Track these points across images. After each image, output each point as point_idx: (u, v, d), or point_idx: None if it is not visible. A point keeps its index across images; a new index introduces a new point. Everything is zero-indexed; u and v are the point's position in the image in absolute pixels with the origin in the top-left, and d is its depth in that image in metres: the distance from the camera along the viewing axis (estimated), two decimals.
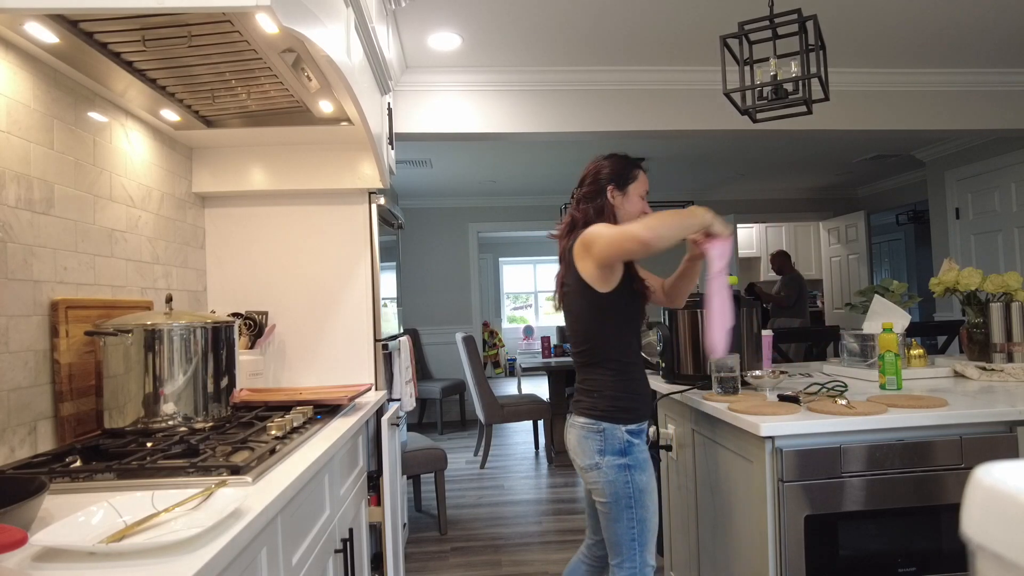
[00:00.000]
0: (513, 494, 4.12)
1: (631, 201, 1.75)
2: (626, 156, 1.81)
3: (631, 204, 1.75)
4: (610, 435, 1.67)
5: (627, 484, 1.65)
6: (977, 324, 2.40)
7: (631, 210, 1.75)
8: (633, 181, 1.77)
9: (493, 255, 11.05)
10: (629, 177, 1.76)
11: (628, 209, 1.75)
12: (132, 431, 1.52)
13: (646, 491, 1.68)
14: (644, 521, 1.68)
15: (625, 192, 1.75)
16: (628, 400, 1.69)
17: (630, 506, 1.66)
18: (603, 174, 1.77)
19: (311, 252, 2.47)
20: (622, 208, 1.75)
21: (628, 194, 1.75)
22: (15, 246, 1.39)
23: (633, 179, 1.77)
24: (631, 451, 1.67)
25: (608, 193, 1.75)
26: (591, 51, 3.17)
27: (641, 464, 1.68)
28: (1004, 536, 0.39)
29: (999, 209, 4.76)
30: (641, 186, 1.78)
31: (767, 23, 2.09)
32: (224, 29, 1.40)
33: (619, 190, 1.75)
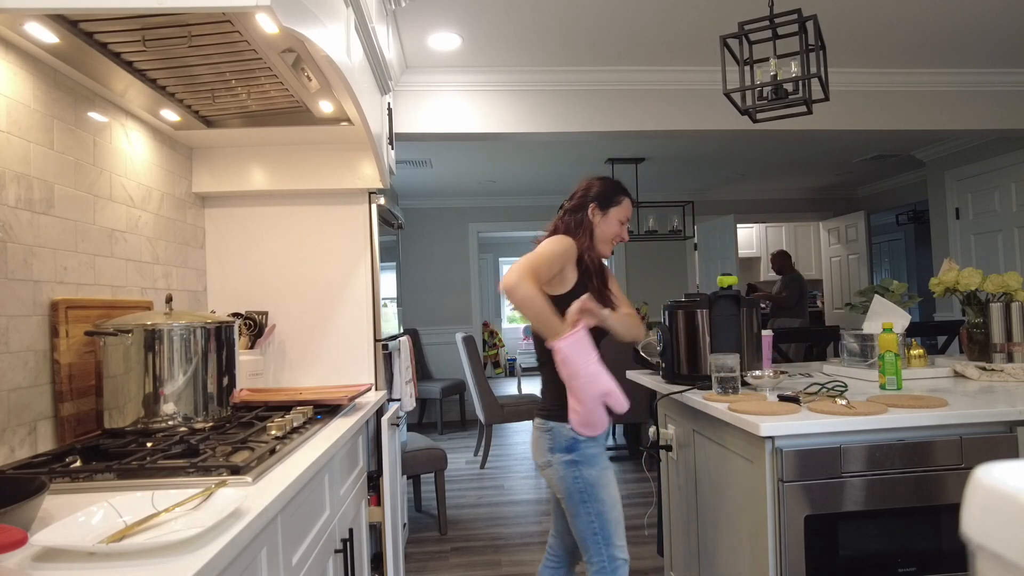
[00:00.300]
0: (513, 494, 4.12)
1: (609, 222, 1.86)
2: (616, 181, 1.92)
3: (608, 225, 1.86)
4: (557, 433, 1.76)
5: (576, 479, 1.73)
6: (977, 324, 2.40)
7: (607, 231, 1.86)
8: (616, 205, 1.87)
9: (493, 255, 11.05)
10: (613, 200, 1.87)
11: (604, 229, 1.86)
12: (132, 431, 1.52)
13: (597, 484, 1.74)
14: (601, 514, 1.73)
15: (606, 213, 1.86)
16: None
17: (584, 500, 1.73)
18: (591, 192, 1.88)
19: (311, 252, 2.47)
20: (599, 227, 1.86)
21: (608, 216, 1.86)
22: (15, 246, 1.39)
23: (616, 203, 1.87)
24: (577, 447, 1.74)
25: (589, 210, 1.85)
26: (591, 51, 3.17)
27: (589, 459, 1.75)
28: (1004, 536, 0.39)
29: (999, 209, 4.76)
30: (623, 211, 1.87)
31: (767, 23, 2.09)
32: (224, 29, 1.40)
33: (600, 210, 1.86)
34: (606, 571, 1.73)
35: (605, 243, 1.87)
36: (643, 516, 3.57)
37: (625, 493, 4.06)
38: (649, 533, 3.32)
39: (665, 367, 2.26)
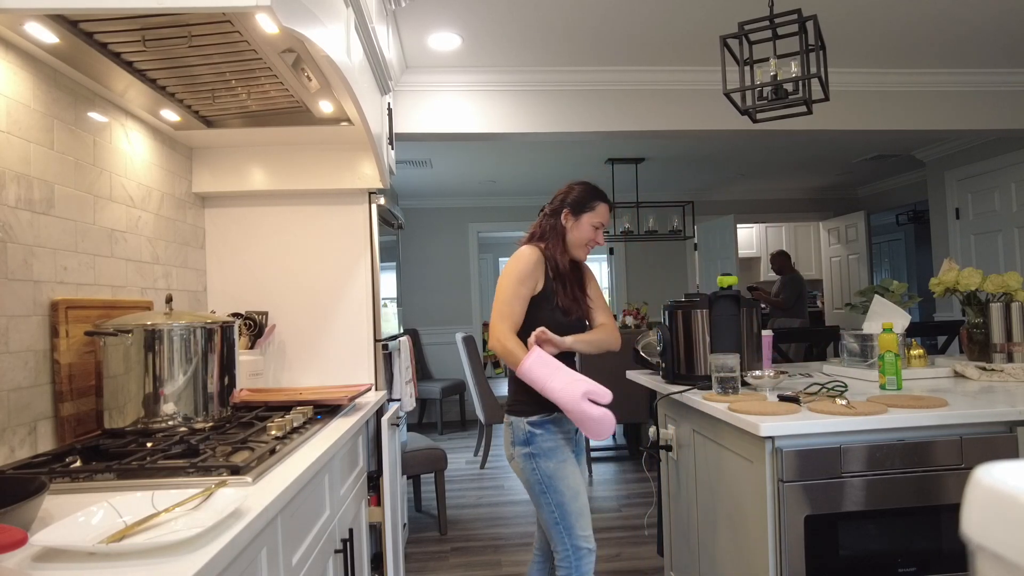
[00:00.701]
0: (513, 494, 4.12)
1: (581, 228, 1.90)
2: (594, 187, 1.95)
3: (580, 231, 1.91)
4: (516, 428, 1.85)
5: (534, 471, 1.81)
6: (977, 324, 2.40)
7: (579, 236, 1.91)
8: (589, 211, 1.90)
9: (493, 255, 11.05)
10: (586, 206, 1.90)
11: (576, 235, 1.91)
12: (132, 431, 1.52)
13: (555, 476, 1.80)
14: (561, 505, 1.79)
15: (578, 219, 1.90)
16: (524, 395, 1.83)
17: (544, 491, 1.80)
18: (567, 198, 1.92)
19: (311, 252, 2.47)
20: (572, 232, 1.91)
21: (580, 221, 1.90)
22: (15, 246, 1.39)
23: (590, 209, 1.91)
24: (533, 440, 1.82)
25: (563, 215, 1.91)
26: (591, 51, 3.17)
27: (546, 452, 1.82)
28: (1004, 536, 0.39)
29: (999, 209, 4.76)
30: (596, 217, 1.91)
31: (767, 23, 2.09)
32: (224, 29, 1.40)
33: (573, 215, 1.90)
34: (570, 560, 1.78)
35: (578, 247, 1.91)
36: (643, 516, 3.57)
37: (625, 493, 4.06)
38: (649, 533, 3.32)
39: (665, 367, 2.26)
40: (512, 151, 5.05)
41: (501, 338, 1.75)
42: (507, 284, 1.80)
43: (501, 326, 1.77)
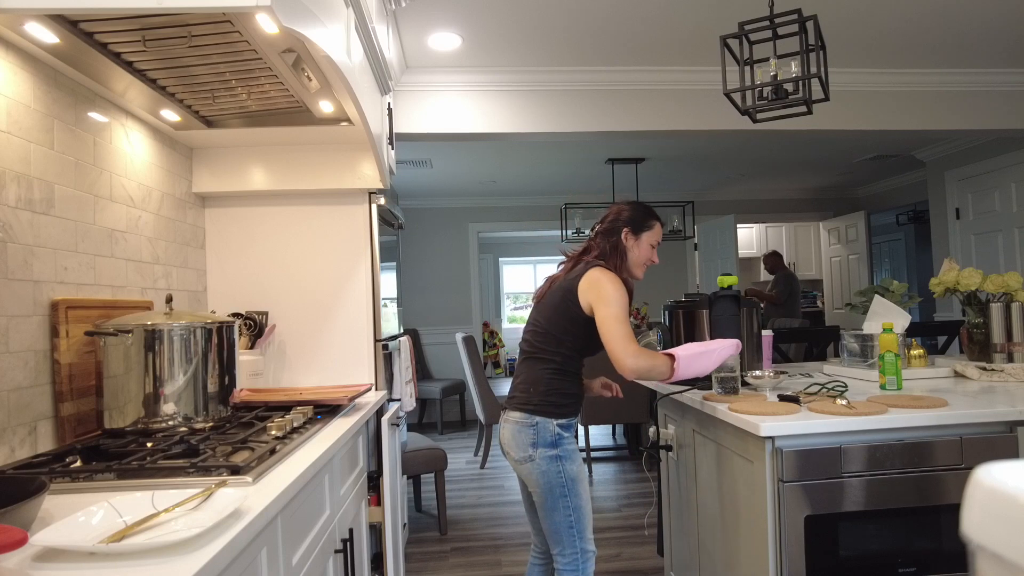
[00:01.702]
0: (513, 494, 4.12)
1: (641, 247, 1.93)
2: (647, 207, 1.98)
3: (640, 250, 1.94)
4: (543, 429, 1.80)
5: (559, 474, 1.78)
6: (977, 324, 2.40)
7: (640, 255, 1.94)
8: (648, 230, 1.94)
9: (493, 255, 11.04)
10: (644, 225, 1.93)
11: (637, 254, 1.93)
12: (132, 431, 1.52)
13: (577, 479, 1.80)
14: (579, 508, 1.80)
15: (638, 238, 1.92)
16: (560, 396, 1.82)
17: (564, 495, 1.78)
18: (622, 217, 1.93)
19: (311, 252, 2.47)
20: (632, 251, 1.93)
21: (640, 240, 1.93)
22: (15, 246, 1.39)
23: (648, 228, 1.94)
24: (561, 443, 1.80)
25: (623, 234, 1.91)
26: (591, 51, 3.16)
27: (570, 455, 1.81)
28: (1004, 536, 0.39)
29: (999, 209, 4.76)
30: (654, 236, 1.94)
31: (767, 23, 2.09)
32: (224, 29, 1.40)
33: (633, 235, 1.92)
34: (578, 562, 1.79)
35: (638, 267, 1.94)
36: (643, 516, 3.57)
37: (625, 493, 4.06)
38: (649, 533, 3.32)
39: None
40: (512, 151, 5.05)
41: (638, 357, 1.67)
42: (618, 298, 1.75)
43: (631, 346, 1.68)
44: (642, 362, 1.66)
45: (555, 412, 1.81)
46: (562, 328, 1.83)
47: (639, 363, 1.66)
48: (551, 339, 1.84)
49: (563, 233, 5.75)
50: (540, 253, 11.14)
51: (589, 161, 5.46)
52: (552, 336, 1.84)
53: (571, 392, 1.85)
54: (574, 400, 1.87)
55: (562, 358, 1.83)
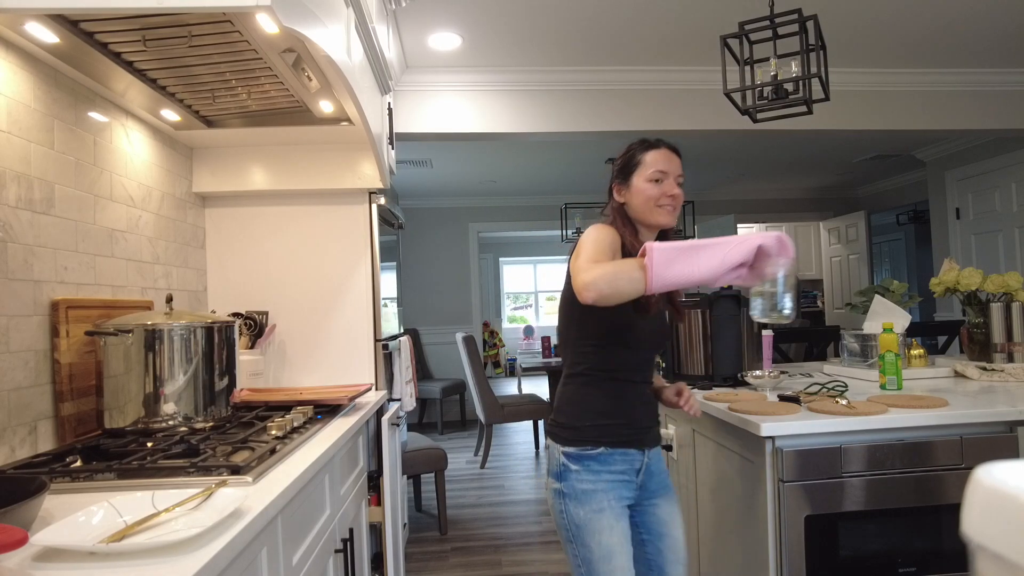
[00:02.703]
0: (513, 494, 4.12)
1: (636, 192, 1.49)
2: (637, 141, 1.56)
3: (637, 195, 1.48)
4: (551, 454, 1.49)
5: (562, 514, 1.44)
6: (977, 324, 2.40)
7: (639, 200, 1.48)
8: (637, 168, 1.50)
9: (493, 255, 11.05)
10: (631, 165, 1.51)
11: (636, 201, 1.49)
12: (132, 431, 1.52)
13: (585, 528, 1.40)
14: (589, 563, 1.41)
15: (628, 184, 1.51)
16: (568, 416, 1.47)
17: (569, 540, 1.44)
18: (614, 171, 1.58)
19: (311, 252, 2.47)
20: (630, 204, 1.51)
21: (631, 185, 1.50)
22: (15, 246, 1.39)
23: (636, 165, 1.50)
24: (566, 476, 1.43)
25: (613, 193, 1.56)
26: (592, 51, 3.16)
27: (578, 495, 1.42)
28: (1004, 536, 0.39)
29: (999, 209, 4.76)
30: (648, 168, 1.48)
31: (767, 23, 2.09)
32: (224, 29, 1.40)
33: (623, 184, 1.53)
34: None
35: (647, 213, 1.48)
36: None
37: None
38: None
39: (665, 367, 2.26)
40: (512, 151, 5.05)
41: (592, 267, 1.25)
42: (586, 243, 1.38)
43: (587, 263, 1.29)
44: (597, 270, 1.23)
45: (563, 436, 1.46)
46: (566, 322, 1.53)
47: (593, 272, 1.23)
48: (566, 342, 1.54)
49: (563, 233, 5.75)
50: (540, 253, 11.14)
51: (589, 161, 5.46)
52: (564, 337, 1.54)
53: (593, 409, 1.46)
54: (596, 421, 1.44)
55: (582, 364, 1.49)
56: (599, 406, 1.46)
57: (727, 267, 1.17)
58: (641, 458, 1.49)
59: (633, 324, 1.46)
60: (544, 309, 11.66)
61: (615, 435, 1.45)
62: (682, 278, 1.18)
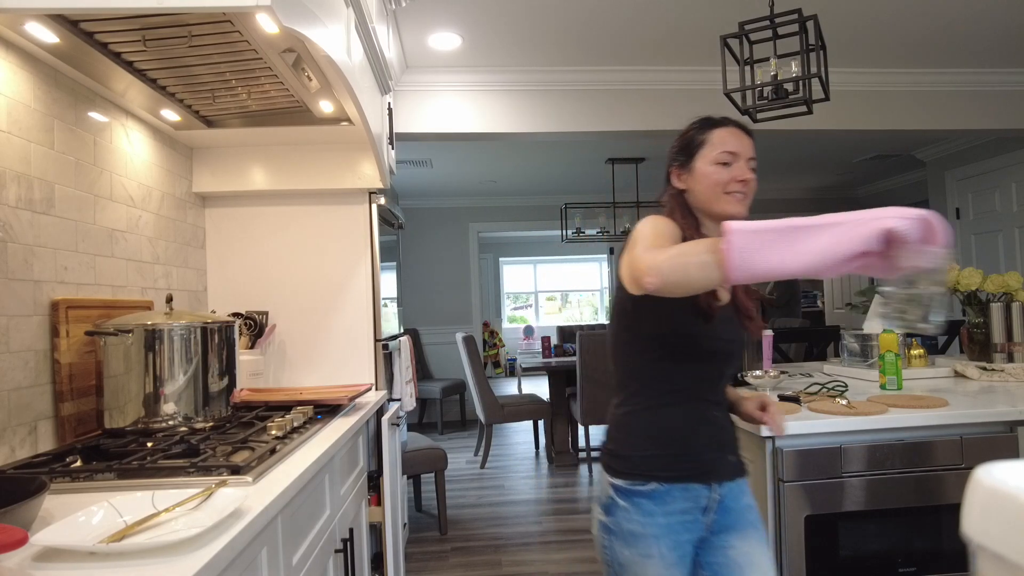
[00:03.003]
0: (513, 494, 4.12)
1: (700, 176, 1.27)
2: (700, 120, 1.35)
3: (700, 181, 1.27)
4: (599, 483, 1.30)
5: (606, 550, 1.25)
6: (977, 324, 2.40)
7: (704, 186, 1.27)
8: (700, 148, 1.29)
9: (493, 255, 11.05)
10: (693, 146, 1.30)
11: (700, 187, 1.27)
12: (132, 431, 1.52)
13: (629, 571, 1.21)
14: None
15: (690, 168, 1.29)
16: (618, 443, 1.27)
17: None
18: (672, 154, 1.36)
19: (311, 252, 2.47)
20: (692, 191, 1.29)
21: (694, 169, 1.29)
22: (15, 246, 1.39)
23: (699, 146, 1.29)
24: (614, 511, 1.23)
25: (672, 179, 1.34)
26: (592, 51, 3.16)
27: (626, 535, 1.21)
28: (1004, 536, 0.39)
29: (999, 209, 4.76)
30: (715, 149, 1.27)
31: (767, 23, 2.09)
32: (224, 29, 1.40)
33: (682, 169, 1.31)
34: None
35: (713, 201, 1.27)
36: None
37: None
38: None
39: None
40: (512, 151, 5.05)
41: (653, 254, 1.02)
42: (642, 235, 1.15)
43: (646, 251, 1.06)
44: (661, 253, 1.01)
45: (612, 466, 1.26)
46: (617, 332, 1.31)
47: (656, 255, 1.00)
48: (617, 354, 1.33)
49: (563, 233, 5.75)
50: (540, 253, 11.14)
51: (589, 161, 5.46)
52: (615, 350, 1.33)
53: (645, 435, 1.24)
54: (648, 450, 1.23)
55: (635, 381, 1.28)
56: (652, 432, 1.24)
57: (840, 257, 0.88)
58: (708, 494, 1.23)
59: (698, 330, 1.23)
60: (544, 309, 11.66)
61: (671, 468, 1.22)
62: (773, 267, 0.91)
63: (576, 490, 4.16)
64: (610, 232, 5.76)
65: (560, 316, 11.58)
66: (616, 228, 5.72)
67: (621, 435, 1.27)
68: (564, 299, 11.78)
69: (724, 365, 1.30)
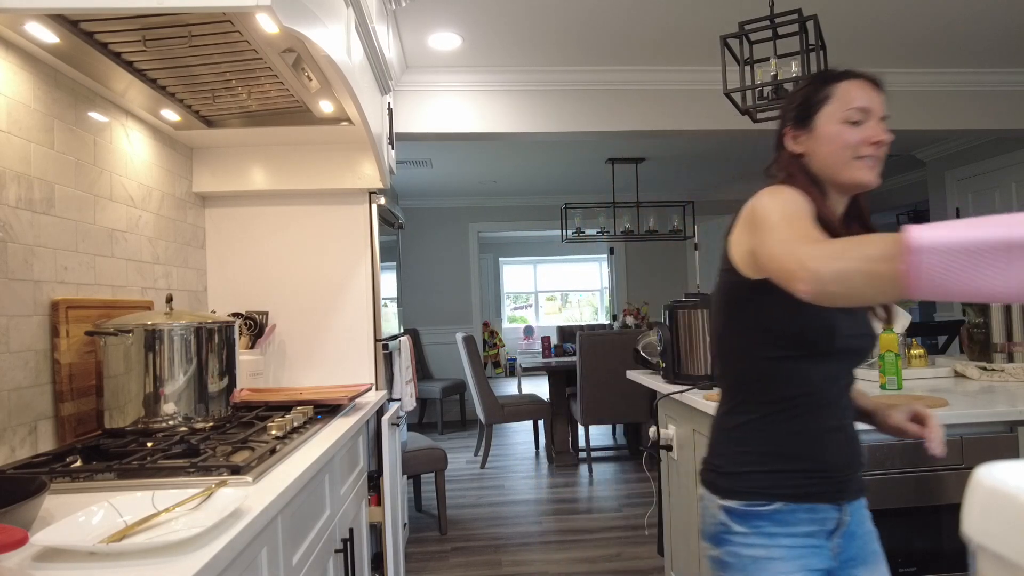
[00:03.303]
0: (513, 494, 4.12)
1: (824, 138, 1.08)
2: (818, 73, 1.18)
3: (825, 143, 1.08)
4: (705, 508, 1.11)
5: None
6: (978, 324, 2.40)
7: (828, 153, 1.08)
8: (824, 105, 1.09)
9: (493, 255, 11.05)
10: (815, 101, 1.10)
11: (824, 154, 1.08)
12: (132, 431, 1.52)
13: None
14: None
15: (811, 126, 1.10)
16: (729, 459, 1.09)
17: None
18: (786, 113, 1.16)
19: (311, 252, 2.47)
20: (814, 156, 1.10)
21: (816, 125, 1.09)
22: (15, 246, 1.39)
23: (823, 102, 1.09)
24: (727, 541, 1.06)
25: (786, 140, 1.14)
26: (591, 51, 3.16)
27: (746, 565, 1.04)
28: (1004, 536, 0.39)
29: (999, 209, 4.76)
30: (843, 106, 1.07)
31: (767, 23, 2.09)
32: (224, 29, 1.40)
33: (801, 128, 1.11)
34: None
35: (840, 167, 1.07)
36: (643, 516, 3.57)
37: (625, 493, 4.06)
38: (649, 533, 3.32)
39: (665, 367, 2.26)
40: (512, 151, 5.05)
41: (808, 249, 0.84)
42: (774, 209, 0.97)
43: (805, 243, 0.86)
44: (819, 250, 0.82)
45: (721, 486, 1.08)
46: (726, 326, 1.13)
47: (813, 252, 0.82)
48: (725, 353, 1.15)
49: (563, 233, 5.76)
50: (540, 253, 11.14)
51: (589, 161, 5.46)
52: (723, 348, 1.15)
53: (766, 448, 1.07)
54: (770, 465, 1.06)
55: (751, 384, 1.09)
56: (775, 444, 1.07)
57: None
58: (836, 515, 1.07)
59: (838, 322, 1.05)
60: (544, 309, 11.66)
61: (797, 485, 1.05)
62: (975, 290, 0.70)
63: (576, 490, 4.16)
64: (610, 232, 5.77)
65: (560, 316, 11.58)
66: (616, 228, 5.72)
67: (734, 449, 1.09)
68: (564, 299, 11.78)
69: (854, 363, 1.12)
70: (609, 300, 8.00)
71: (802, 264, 0.82)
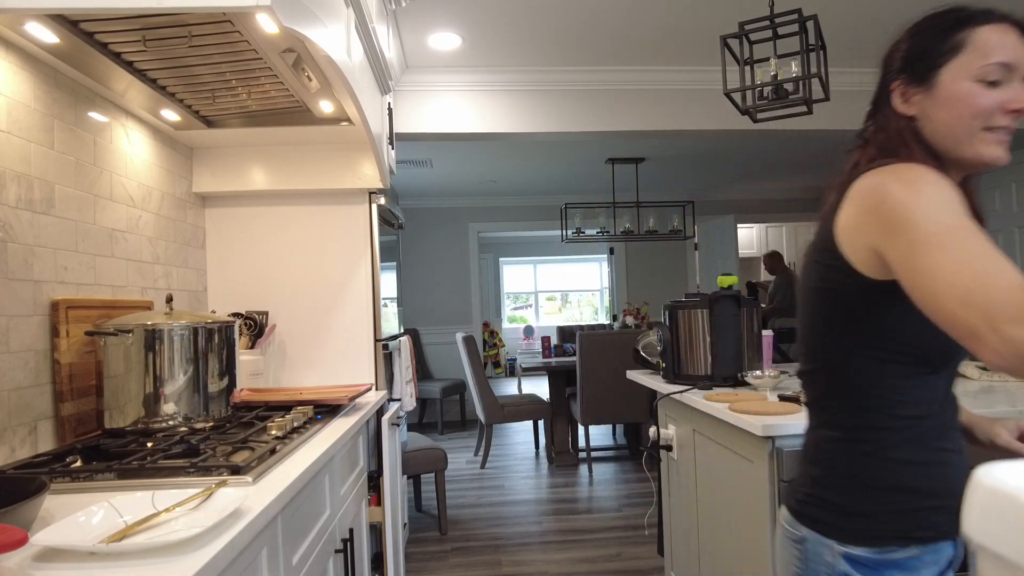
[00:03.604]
0: (513, 494, 4.12)
1: (948, 99, 0.87)
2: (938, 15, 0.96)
3: (949, 106, 0.87)
4: (812, 554, 0.90)
5: None
6: None
7: (951, 118, 0.88)
8: (955, 55, 0.88)
9: (493, 255, 11.05)
10: (943, 50, 0.89)
11: (944, 120, 0.88)
12: (132, 431, 1.52)
13: None
14: None
15: (930, 84, 0.89)
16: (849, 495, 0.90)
17: None
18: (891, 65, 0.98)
19: (311, 252, 2.47)
20: (930, 120, 0.89)
21: (937, 86, 0.89)
22: (15, 246, 1.39)
23: (954, 51, 0.88)
24: None
25: (895, 98, 0.94)
26: (591, 51, 3.17)
27: None
28: (1005, 536, 0.39)
29: (999, 209, 4.76)
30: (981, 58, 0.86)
31: (767, 23, 2.09)
32: (224, 29, 1.40)
33: (915, 85, 0.91)
34: None
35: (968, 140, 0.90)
36: (643, 516, 3.57)
37: (625, 493, 4.06)
38: (649, 533, 3.32)
39: (665, 367, 2.26)
40: (512, 151, 5.05)
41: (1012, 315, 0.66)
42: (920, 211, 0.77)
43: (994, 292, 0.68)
44: None
45: (842, 528, 0.89)
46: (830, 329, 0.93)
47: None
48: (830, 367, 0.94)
49: (563, 233, 5.76)
50: (540, 253, 11.15)
51: (589, 161, 5.46)
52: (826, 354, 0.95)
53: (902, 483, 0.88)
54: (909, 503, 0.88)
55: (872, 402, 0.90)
56: (909, 477, 0.88)
57: None
58: (954, 553, 0.90)
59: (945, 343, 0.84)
60: (544, 309, 11.66)
61: (935, 525, 0.88)
62: None
63: (576, 490, 4.16)
64: (610, 232, 5.77)
65: (560, 316, 11.58)
66: (616, 228, 5.72)
67: (859, 483, 0.89)
68: (564, 299, 11.78)
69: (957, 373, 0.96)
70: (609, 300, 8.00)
71: (995, 328, 0.64)
